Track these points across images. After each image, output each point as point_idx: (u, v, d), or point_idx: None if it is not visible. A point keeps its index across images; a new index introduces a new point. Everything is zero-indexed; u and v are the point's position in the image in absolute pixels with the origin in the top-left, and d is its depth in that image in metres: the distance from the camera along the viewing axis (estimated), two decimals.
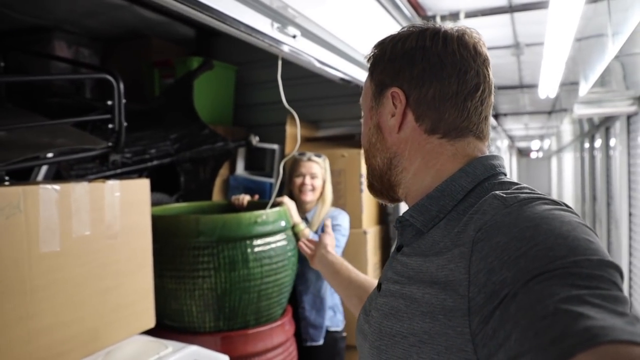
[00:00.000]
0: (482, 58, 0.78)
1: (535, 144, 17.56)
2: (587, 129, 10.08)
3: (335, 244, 1.16)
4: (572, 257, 0.55)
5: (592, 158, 10.65)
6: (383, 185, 0.86)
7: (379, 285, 0.82)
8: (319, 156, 2.54)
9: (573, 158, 14.43)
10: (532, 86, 5.80)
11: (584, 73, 4.50)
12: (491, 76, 0.80)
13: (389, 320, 0.73)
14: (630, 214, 6.43)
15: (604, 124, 8.34)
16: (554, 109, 8.19)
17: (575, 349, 0.46)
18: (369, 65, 0.86)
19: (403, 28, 0.83)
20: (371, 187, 0.90)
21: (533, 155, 20.57)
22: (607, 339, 0.45)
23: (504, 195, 0.67)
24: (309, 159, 2.50)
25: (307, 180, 2.47)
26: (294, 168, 2.53)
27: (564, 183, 16.64)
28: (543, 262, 0.55)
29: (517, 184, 0.73)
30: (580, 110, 5.62)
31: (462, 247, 0.65)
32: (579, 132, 11.01)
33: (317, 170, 2.50)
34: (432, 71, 0.76)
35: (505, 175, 0.78)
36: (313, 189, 2.48)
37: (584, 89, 4.74)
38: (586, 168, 11.60)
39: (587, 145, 11.34)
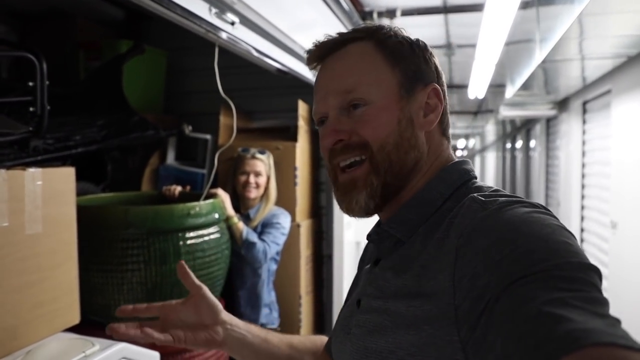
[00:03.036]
0: None
1: (460, 143, 18.25)
2: (510, 130, 10.59)
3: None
4: (553, 260, 0.55)
5: (513, 158, 11.21)
6: (397, 190, 0.77)
7: (358, 301, 0.78)
8: (263, 152, 2.52)
9: (495, 157, 15.14)
10: (461, 86, 6.00)
11: (511, 76, 4.71)
12: None
13: (373, 337, 0.71)
14: None
15: (525, 126, 8.80)
16: (480, 110, 8.53)
17: (559, 353, 0.46)
18: (386, 48, 0.77)
19: (392, 36, 0.79)
20: (385, 194, 0.76)
21: (458, 153, 21.31)
22: (590, 342, 0.45)
23: (483, 199, 0.67)
24: (253, 157, 2.47)
25: (251, 178, 2.45)
26: (237, 165, 2.49)
27: (486, 181, 17.34)
28: (524, 265, 0.55)
29: (491, 187, 0.73)
30: (505, 112, 5.89)
31: (446, 255, 0.65)
32: (502, 132, 11.56)
33: (262, 168, 2.47)
34: (439, 76, 0.81)
35: (476, 179, 0.79)
36: (257, 186, 2.46)
37: (510, 91, 4.96)
38: (507, 167, 12.21)
39: (508, 145, 11.92)
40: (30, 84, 1.54)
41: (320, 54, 0.81)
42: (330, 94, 0.77)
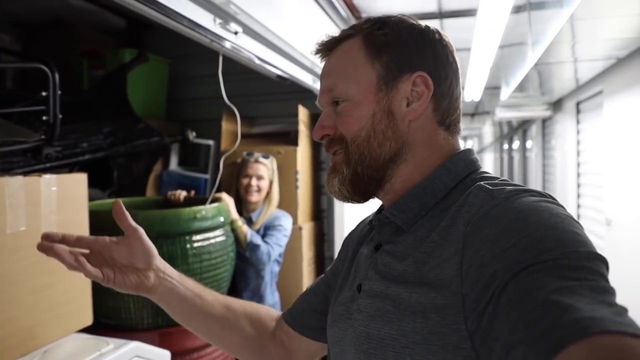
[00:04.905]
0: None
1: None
2: (507, 132, 10.67)
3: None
4: (561, 249, 0.55)
5: (511, 159, 11.29)
6: (373, 180, 0.78)
7: (359, 286, 0.78)
8: (266, 157, 2.58)
9: (493, 158, 15.21)
10: None
11: (506, 79, 4.78)
12: None
13: (375, 322, 0.70)
14: None
15: (522, 127, 8.88)
16: (476, 112, 8.59)
17: (566, 341, 0.46)
18: (369, 42, 0.77)
19: (402, 22, 0.79)
20: (355, 182, 0.78)
21: None
22: (597, 330, 0.46)
23: (491, 188, 0.67)
24: (256, 160, 2.54)
25: (253, 181, 2.51)
26: (241, 169, 2.56)
27: None
28: (533, 253, 0.55)
29: (498, 177, 0.73)
30: (501, 114, 5.97)
31: (454, 243, 0.65)
32: (499, 134, 11.63)
33: (264, 172, 2.53)
34: (449, 67, 0.78)
35: (481, 168, 0.79)
36: (259, 190, 2.52)
37: (505, 93, 5.03)
38: (505, 168, 12.28)
39: (506, 146, 12.00)
40: (44, 93, 1.60)
41: (322, 53, 0.83)
42: (321, 92, 0.82)
